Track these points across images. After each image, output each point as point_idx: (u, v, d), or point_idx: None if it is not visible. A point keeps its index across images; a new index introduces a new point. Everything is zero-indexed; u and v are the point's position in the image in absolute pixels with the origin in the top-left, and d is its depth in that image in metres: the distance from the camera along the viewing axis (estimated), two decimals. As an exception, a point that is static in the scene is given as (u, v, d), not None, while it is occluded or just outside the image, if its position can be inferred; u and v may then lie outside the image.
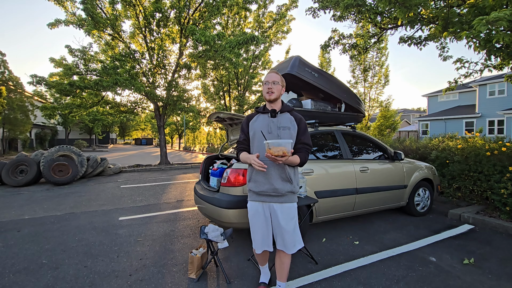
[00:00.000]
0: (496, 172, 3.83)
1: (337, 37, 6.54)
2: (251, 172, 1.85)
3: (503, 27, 2.84)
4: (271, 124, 1.82)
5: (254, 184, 1.82)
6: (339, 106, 3.95)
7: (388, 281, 2.28)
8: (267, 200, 1.81)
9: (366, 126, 16.32)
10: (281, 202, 1.80)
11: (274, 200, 1.80)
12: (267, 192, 1.79)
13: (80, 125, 28.22)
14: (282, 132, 1.81)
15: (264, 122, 1.84)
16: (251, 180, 1.85)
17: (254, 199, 1.86)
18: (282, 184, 1.79)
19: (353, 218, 3.92)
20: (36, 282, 2.30)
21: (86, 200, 5.33)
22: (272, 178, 1.78)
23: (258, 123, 1.86)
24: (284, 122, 1.84)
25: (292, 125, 1.85)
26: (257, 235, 1.88)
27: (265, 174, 1.78)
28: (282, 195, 1.80)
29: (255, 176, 1.82)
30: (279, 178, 1.78)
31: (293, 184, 1.83)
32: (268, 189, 1.78)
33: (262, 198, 1.82)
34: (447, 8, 4.08)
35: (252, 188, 1.84)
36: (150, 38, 10.07)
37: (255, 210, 1.86)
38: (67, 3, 9.25)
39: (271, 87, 1.82)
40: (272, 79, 1.83)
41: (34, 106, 16.50)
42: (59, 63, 9.95)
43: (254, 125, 1.86)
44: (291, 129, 1.83)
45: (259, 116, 1.89)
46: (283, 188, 1.78)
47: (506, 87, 17.83)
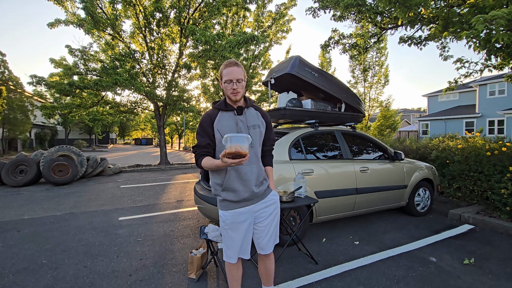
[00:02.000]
0: (496, 172, 3.83)
1: (337, 37, 6.54)
2: (224, 179, 1.55)
3: (502, 27, 2.83)
4: (240, 124, 1.56)
5: (233, 194, 1.56)
6: (339, 106, 3.95)
7: (388, 281, 2.28)
8: (248, 204, 1.60)
9: (366, 126, 16.32)
10: (260, 200, 1.64)
11: (254, 202, 1.61)
12: (247, 198, 1.58)
13: (80, 125, 28.20)
14: (252, 131, 1.58)
15: (231, 121, 1.56)
16: (226, 189, 1.56)
17: (233, 207, 1.59)
18: (259, 185, 1.62)
19: (353, 218, 3.91)
20: (36, 282, 2.30)
21: (86, 200, 5.33)
22: (251, 183, 1.56)
23: (223, 122, 1.56)
24: (252, 120, 1.61)
25: (261, 122, 1.65)
26: (236, 244, 1.61)
27: (242, 180, 1.55)
28: (260, 195, 1.64)
29: (232, 183, 1.54)
30: (255, 182, 1.59)
31: (267, 181, 1.71)
32: (248, 196, 1.57)
33: (242, 204, 1.59)
34: (447, 8, 4.08)
35: (230, 198, 1.57)
36: (150, 38, 10.07)
37: (234, 218, 1.59)
38: (67, 3, 9.25)
39: (236, 87, 1.52)
40: (236, 77, 1.51)
41: (34, 106, 16.49)
42: (59, 63, 9.95)
43: (221, 124, 1.56)
44: (260, 126, 1.63)
45: (222, 115, 1.59)
46: (261, 190, 1.63)
47: (506, 87, 17.83)
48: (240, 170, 1.53)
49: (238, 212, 1.59)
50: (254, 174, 1.57)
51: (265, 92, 13.92)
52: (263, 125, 1.66)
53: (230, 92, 1.54)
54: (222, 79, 1.55)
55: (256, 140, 1.59)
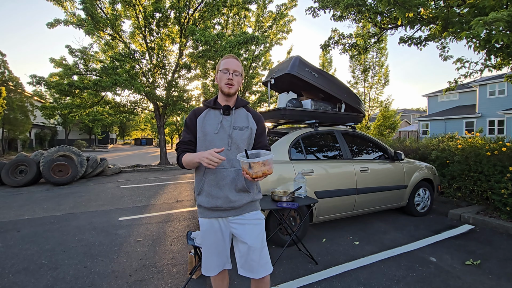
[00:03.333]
0: (496, 172, 3.83)
1: (337, 37, 6.54)
2: (201, 182, 1.43)
3: (502, 28, 2.84)
4: (224, 123, 1.43)
5: (207, 199, 1.41)
6: (339, 106, 3.95)
7: (388, 281, 2.28)
8: (223, 215, 1.43)
9: (366, 126, 16.32)
10: (239, 214, 1.44)
11: (231, 214, 1.43)
12: (222, 207, 1.40)
13: (80, 125, 28.19)
14: (235, 133, 1.42)
15: (215, 120, 1.43)
16: (202, 193, 1.43)
17: (206, 215, 1.44)
18: (238, 195, 1.41)
19: (353, 218, 3.91)
20: (36, 282, 2.29)
21: (85, 200, 5.32)
22: (226, 189, 1.40)
23: (207, 120, 1.44)
24: (239, 121, 1.46)
25: (250, 124, 1.48)
26: (212, 255, 1.47)
27: (218, 184, 1.40)
28: (239, 207, 1.43)
29: (208, 187, 1.41)
30: (234, 189, 1.41)
31: (252, 193, 1.46)
32: (222, 203, 1.39)
33: (216, 213, 1.42)
34: (447, 8, 4.09)
35: (203, 204, 1.42)
36: (150, 38, 10.07)
37: (209, 226, 1.45)
38: (66, 3, 9.25)
39: (232, 78, 1.41)
40: (233, 68, 1.41)
41: (34, 106, 16.49)
42: (59, 63, 9.95)
43: (204, 122, 1.43)
44: (248, 128, 1.46)
45: (209, 112, 1.47)
46: (240, 200, 1.41)
47: (506, 87, 17.84)
48: (218, 173, 1.39)
49: (213, 221, 1.44)
50: (231, 180, 1.40)
51: (265, 92, 13.92)
52: (253, 128, 1.49)
53: (224, 82, 1.41)
54: (218, 70, 1.45)
55: (240, 143, 1.42)
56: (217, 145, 1.37)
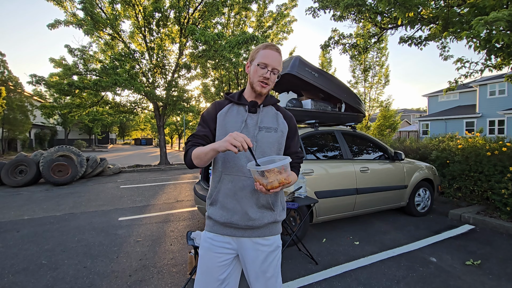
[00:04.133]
0: (496, 172, 3.83)
1: (337, 37, 6.54)
2: (215, 190, 1.18)
3: (502, 27, 2.83)
4: (248, 121, 1.19)
5: (220, 212, 1.16)
6: (339, 106, 3.94)
7: (389, 282, 2.27)
8: (237, 234, 1.17)
9: (366, 126, 16.32)
10: (257, 236, 1.18)
11: (246, 234, 1.17)
12: (237, 225, 1.15)
13: (80, 125, 28.18)
14: (262, 135, 1.18)
15: (238, 118, 1.20)
16: (215, 203, 1.18)
17: (217, 230, 1.18)
18: (259, 212, 1.17)
19: (353, 219, 3.91)
20: (36, 282, 2.29)
21: (85, 200, 5.32)
22: (245, 202, 1.15)
23: (229, 117, 1.20)
24: (267, 121, 1.23)
25: (280, 125, 1.25)
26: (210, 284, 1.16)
27: (236, 195, 1.15)
28: (258, 227, 1.17)
29: (223, 198, 1.16)
30: (255, 204, 1.16)
31: (276, 211, 1.21)
32: (238, 220, 1.14)
33: (229, 231, 1.17)
34: (447, 8, 4.08)
35: (215, 216, 1.16)
36: (150, 38, 10.07)
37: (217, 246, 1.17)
38: (66, 3, 9.25)
39: (269, 77, 1.17)
40: (273, 65, 1.17)
41: (33, 106, 16.49)
42: (58, 63, 9.95)
43: (226, 119, 1.20)
44: (278, 130, 1.23)
45: (232, 108, 1.23)
46: (260, 219, 1.17)
47: (507, 87, 17.83)
48: (236, 182, 1.15)
49: (220, 238, 1.17)
50: (252, 192, 1.15)
51: (265, 92, 13.87)
52: (284, 130, 1.25)
53: (259, 79, 1.17)
54: (254, 61, 1.19)
55: (266, 147, 1.18)
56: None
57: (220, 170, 1.18)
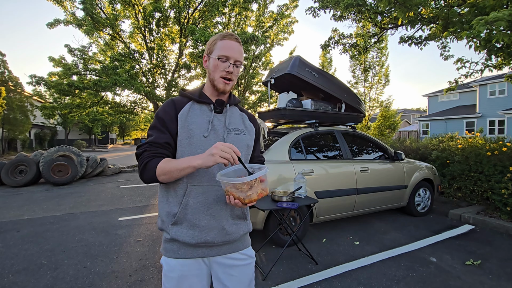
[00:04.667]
0: (496, 172, 3.83)
1: (337, 36, 6.54)
2: (179, 206, 0.99)
3: (502, 27, 2.83)
4: (215, 122, 1.04)
5: (190, 232, 0.98)
6: (339, 106, 3.94)
7: (389, 282, 2.27)
8: (211, 253, 1.03)
9: (366, 126, 16.32)
10: (233, 251, 1.06)
11: (222, 251, 1.04)
12: (213, 242, 1.00)
13: (80, 125, 28.18)
14: (232, 137, 1.06)
15: (202, 119, 1.03)
16: (182, 221, 0.99)
17: (185, 255, 1.00)
18: (234, 225, 1.05)
19: (353, 219, 3.91)
20: (36, 282, 2.29)
21: (85, 200, 5.32)
22: (221, 216, 1.02)
23: (194, 118, 1.02)
24: (235, 122, 1.10)
25: (248, 127, 1.14)
26: None
27: (210, 209, 1.00)
28: (234, 241, 1.06)
29: (193, 215, 0.98)
30: (230, 216, 1.04)
31: (248, 221, 1.13)
32: (215, 237, 1.00)
33: (201, 252, 1.01)
34: (447, 7, 4.08)
35: (183, 238, 0.98)
36: (150, 38, 10.07)
37: (187, 271, 1.01)
38: (66, 3, 9.25)
39: (232, 71, 1.02)
40: (235, 57, 1.02)
41: (33, 106, 16.50)
42: (58, 62, 9.95)
43: (189, 120, 1.01)
44: (246, 132, 1.11)
45: (193, 106, 1.05)
46: (236, 231, 1.05)
47: (507, 87, 17.83)
48: (209, 193, 1.00)
49: (192, 263, 1.01)
50: (224, 204, 1.02)
51: (265, 92, 13.91)
52: (251, 133, 1.14)
53: (221, 74, 1.03)
54: (213, 54, 1.03)
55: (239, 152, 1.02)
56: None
57: (185, 180, 0.98)
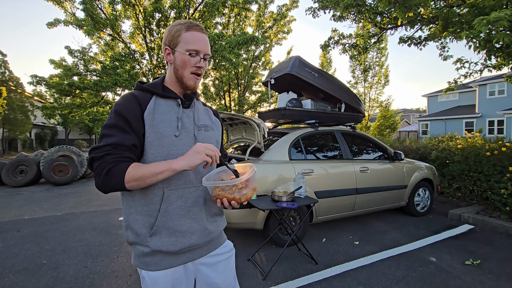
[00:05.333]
0: (496, 172, 3.83)
1: (337, 37, 6.55)
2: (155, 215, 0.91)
3: (503, 27, 2.84)
4: (184, 119, 0.98)
5: (172, 239, 0.92)
6: (339, 106, 3.95)
7: (388, 281, 2.28)
8: (195, 256, 1.00)
9: (366, 126, 16.33)
10: (215, 248, 1.06)
11: (205, 251, 1.02)
12: (197, 245, 0.98)
13: (80, 125, 28.21)
14: (202, 134, 1.02)
15: (170, 115, 0.95)
16: (161, 230, 0.91)
17: (169, 265, 0.94)
18: (214, 222, 1.04)
19: (353, 218, 3.91)
20: (36, 282, 2.30)
21: (86, 200, 5.32)
22: (201, 217, 0.98)
23: (161, 115, 0.94)
24: (203, 118, 1.06)
25: (215, 122, 1.12)
26: None
27: (190, 212, 0.95)
28: (215, 238, 1.06)
29: (173, 221, 0.92)
30: (209, 215, 1.02)
31: (224, 216, 1.13)
32: (198, 238, 0.97)
33: (185, 257, 0.97)
34: (447, 8, 4.09)
35: (166, 247, 0.91)
36: (150, 38, 10.08)
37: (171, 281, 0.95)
38: (66, 3, 9.26)
39: (202, 65, 0.96)
40: (205, 50, 0.96)
41: (34, 106, 16.52)
42: (59, 64, 9.97)
43: (156, 118, 0.92)
44: (214, 128, 1.09)
45: (158, 102, 0.95)
46: (216, 228, 1.05)
47: (506, 87, 17.83)
48: (188, 196, 0.95)
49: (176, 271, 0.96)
50: (205, 202, 1.00)
51: (265, 92, 13.92)
52: (218, 128, 1.12)
53: (192, 70, 0.95)
54: (179, 47, 0.94)
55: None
56: (181, 154, 0.90)
57: (160, 186, 0.91)
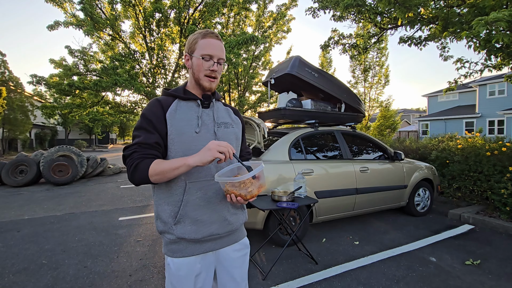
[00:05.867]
0: (496, 172, 3.83)
1: (337, 37, 6.54)
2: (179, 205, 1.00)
3: (502, 28, 2.84)
4: (204, 118, 1.06)
5: (194, 228, 1.00)
6: (339, 106, 3.95)
7: (388, 281, 2.28)
8: (216, 246, 1.07)
9: (366, 126, 16.33)
10: (234, 242, 1.12)
11: (226, 242, 1.09)
12: (218, 234, 1.05)
13: (80, 125, 28.22)
14: (222, 131, 1.09)
15: (191, 114, 1.05)
16: (184, 219, 1.00)
17: (192, 252, 1.02)
18: (234, 215, 1.10)
19: (353, 218, 3.92)
20: (36, 282, 2.30)
21: (86, 200, 5.33)
22: (221, 208, 1.05)
23: (182, 114, 1.03)
24: (222, 116, 1.13)
25: (234, 120, 1.18)
26: None
27: (210, 203, 1.03)
28: (235, 230, 1.11)
29: (194, 211, 1.00)
30: (230, 207, 1.09)
31: (245, 210, 1.18)
32: (218, 228, 1.04)
33: (207, 245, 1.05)
34: (447, 8, 4.09)
35: (189, 235, 1.00)
36: (150, 38, 10.08)
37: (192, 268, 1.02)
38: (65, 4, 9.26)
39: (216, 69, 1.05)
40: (218, 54, 1.04)
41: (34, 106, 16.51)
42: (59, 64, 9.97)
43: (177, 117, 1.02)
44: (234, 125, 1.15)
45: (179, 104, 1.05)
46: (236, 221, 1.10)
47: (506, 87, 17.83)
48: (207, 188, 1.03)
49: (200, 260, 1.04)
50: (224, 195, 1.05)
51: (265, 92, 13.92)
52: (238, 126, 1.19)
53: (206, 73, 1.04)
54: (195, 53, 1.04)
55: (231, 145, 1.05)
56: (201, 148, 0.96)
57: (183, 178, 1.00)
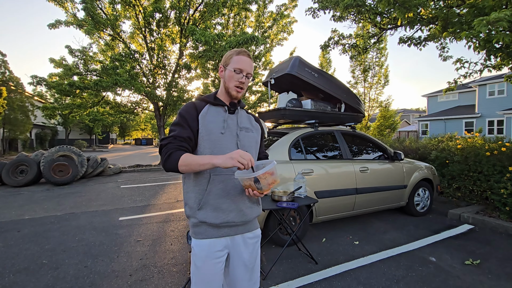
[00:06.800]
0: (495, 172, 3.84)
1: (336, 37, 6.55)
2: (204, 193, 1.17)
3: (502, 28, 2.84)
4: (229, 122, 1.24)
5: (214, 214, 1.16)
6: (339, 106, 3.95)
7: (388, 281, 2.28)
8: (231, 232, 1.22)
9: (366, 126, 16.33)
10: (247, 231, 1.27)
11: (240, 230, 1.24)
12: (234, 222, 1.20)
13: (80, 125, 28.21)
14: (243, 134, 1.26)
15: (218, 118, 1.23)
16: (206, 205, 1.17)
17: (212, 235, 1.18)
18: (249, 208, 1.25)
19: (353, 218, 3.92)
20: (36, 282, 2.30)
21: (86, 200, 5.33)
22: (238, 200, 1.21)
23: (211, 117, 1.23)
24: (244, 122, 1.31)
25: (254, 126, 1.36)
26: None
27: (229, 194, 1.19)
28: (249, 221, 1.27)
29: (215, 200, 1.17)
30: (247, 201, 1.24)
31: (260, 206, 1.35)
32: (234, 217, 1.19)
33: (224, 231, 1.20)
34: (446, 8, 4.09)
35: (209, 219, 1.16)
36: (150, 38, 10.08)
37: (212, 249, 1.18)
38: (67, 4, 9.27)
39: (244, 81, 1.24)
40: (248, 70, 1.24)
41: (34, 106, 16.52)
42: (59, 63, 9.97)
43: (207, 119, 1.21)
44: (253, 131, 1.33)
45: (210, 108, 1.26)
46: (251, 214, 1.25)
47: (506, 87, 17.84)
48: (227, 182, 1.19)
49: (217, 242, 1.19)
50: (242, 190, 1.20)
51: (265, 92, 13.93)
52: (258, 131, 1.37)
53: (235, 84, 1.23)
54: (229, 66, 1.24)
55: (248, 147, 1.26)
56: (225, 147, 1.18)
57: (208, 171, 1.17)
